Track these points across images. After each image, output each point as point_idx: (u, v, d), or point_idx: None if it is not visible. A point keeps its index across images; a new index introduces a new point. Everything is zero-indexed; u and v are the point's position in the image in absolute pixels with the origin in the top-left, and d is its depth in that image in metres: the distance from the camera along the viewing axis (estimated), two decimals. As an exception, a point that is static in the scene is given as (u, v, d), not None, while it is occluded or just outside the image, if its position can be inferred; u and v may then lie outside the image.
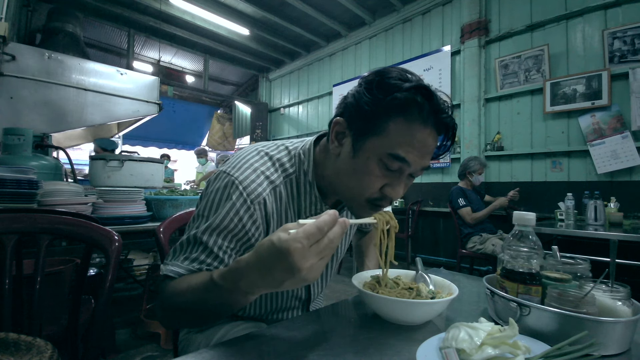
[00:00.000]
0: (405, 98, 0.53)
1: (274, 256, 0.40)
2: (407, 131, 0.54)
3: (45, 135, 2.19)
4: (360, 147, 0.57)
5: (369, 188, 0.58)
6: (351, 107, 0.59)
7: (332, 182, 0.64)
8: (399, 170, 0.57)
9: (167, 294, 0.55)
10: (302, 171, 0.65)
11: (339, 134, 0.61)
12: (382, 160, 0.56)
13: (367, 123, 0.56)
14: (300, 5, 4.71)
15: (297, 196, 0.66)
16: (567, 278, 0.57)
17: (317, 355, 0.45)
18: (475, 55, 3.81)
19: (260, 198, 0.60)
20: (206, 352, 0.46)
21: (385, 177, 0.57)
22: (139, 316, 2.03)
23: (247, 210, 0.58)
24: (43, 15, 4.03)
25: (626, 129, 2.84)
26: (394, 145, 0.54)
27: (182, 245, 0.59)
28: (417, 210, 4.08)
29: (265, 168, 0.62)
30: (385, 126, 0.55)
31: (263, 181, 0.61)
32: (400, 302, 0.55)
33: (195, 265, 0.56)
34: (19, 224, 0.75)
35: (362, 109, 0.56)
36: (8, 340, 0.54)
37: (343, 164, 0.60)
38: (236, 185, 0.58)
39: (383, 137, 0.55)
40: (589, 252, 1.73)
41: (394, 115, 0.54)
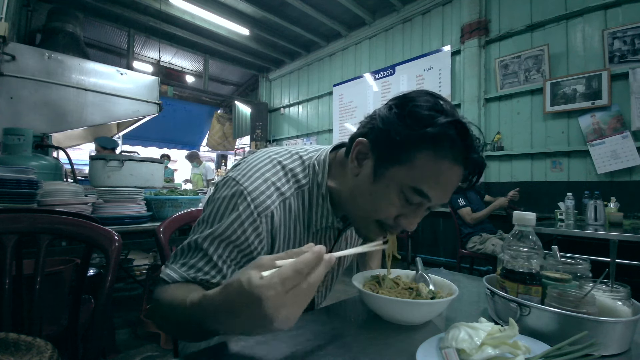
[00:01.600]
0: (438, 133, 0.49)
1: (243, 301, 0.35)
2: (435, 166, 0.51)
3: (45, 135, 2.19)
4: (382, 173, 0.54)
5: (384, 214, 0.56)
6: (378, 131, 0.55)
7: (345, 200, 0.62)
8: (418, 205, 0.55)
9: (157, 297, 0.54)
10: (315, 183, 0.63)
11: (361, 154, 0.58)
12: (402, 192, 0.53)
13: (393, 151, 0.53)
14: (300, 5, 4.71)
15: (309, 208, 0.63)
16: (567, 278, 0.57)
17: (317, 355, 0.45)
18: (475, 55, 3.81)
19: (268, 211, 0.57)
20: (206, 353, 0.46)
21: (403, 207, 0.55)
22: (139, 316, 2.04)
23: (252, 223, 0.56)
24: (43, 15, 4.03)
25: (626, 129, 2.84)
26: (419, 179, 0.52)
27: (183, 250, 0.58)
28: (417, 210, 4.08)
29: (276, 179, 0.60)
30: (412, 157, 0.51)
31: (273, 193, 0.58)
32: (400, 302, 0.55)
33: (191, 273, 0.54)
34: (19, 224, 0.75)
35: (390, 135, 0.53)
36: (8, 340, 0.54)
37: (360, 185, 0.58)
38: (244, 196, 0.56)
39: (408, 169, 0.52)
40: (589, 252, 1.73)
41: (423, 148, 0.51)
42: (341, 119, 5.50)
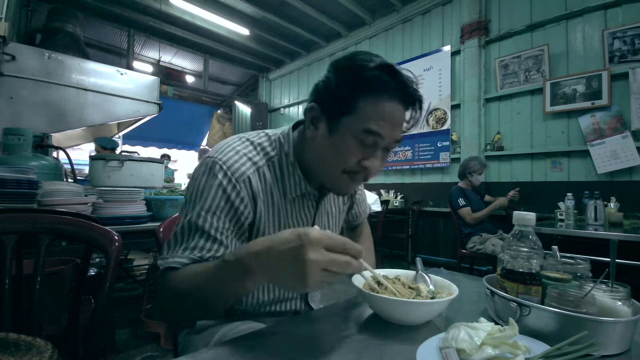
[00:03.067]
0: (372, 76, 0.56)
1: (292, 234, 0.43)
2: (377, 106, 0.57)
3: (45, 135, 2.19)
4: (335, 127, 0.60)
5: (347, 162, 0.60)
6: (323, 92, 0.62)
7: (312, 165, 0.67)
8: (373, 145, 0.60)
9: (171, 283, 0.55)
10: (283, 153, 0.68)
11: (314, 118, 0.63)
12: (357, 137, 0.59)
13: (339, 104, 0.59)
14: (300, 5, 4.71)
15: (282, 178, 0.68)
16: (567, 278, 0.57)
17: (317, 356, 0.45)
18: (475, 55, 3.81)
19: (245, 177, 0.62)
20: (206, 353, 0.46)
21: (362, 152, 0.60)
22: (139, 316, 2.03)
23: (233, 188, 0.60)
24: (43, 15, 4.03)
25: (626, 129, 2.84)
26: (366, 121, 0.57)
27: (177, 237, 0.60)
28: (417, 210, 4.08)
29: (247, 151, 0.66)
30: (356, 105, 0.58)
31: (246, 162, 0.64)
32: (400, 302, 0.55)
33: (196, 253, 0.57)
34: (19, 224, 0.75)
35: (333, 91, 0.59)
36: (8, 340, 0.54)
37: (320, 145, 0.63)
38: (220, 166, 0.61)
39: (355, 115, 0.58)
40: (589, 252, 1.73)
41: (362, 94, 0.57)
42: (341, 119, 5.50)
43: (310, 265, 0.42)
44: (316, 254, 0.42)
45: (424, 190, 4.39)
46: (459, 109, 4.01)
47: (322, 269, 0.42)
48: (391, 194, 4.57)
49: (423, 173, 4.43)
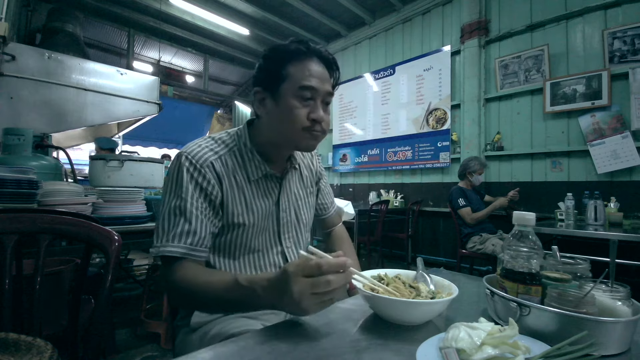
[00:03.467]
0: (293, 47, 0.72)
1: (279, 271, 0.53)
2: (303, 67, 0.71)
3: (45, 135, 2.19)
4: (278, 96, 0.72)
5: (298, 119, 0.71)
6: (259, 76, 0.75)
7: (271, 140, 0.78)
8: (312, 98, 0.72)
9: (181, 280, 0.64)
10: (241, 143, 0.79)
11: (261, 99, 0.75)
12: (297, 95, 0.71)
13: (276, 77, 0.72)
14: (300, 5, 4.71)
15: (243, 163, 0.78)
16: (567, 278, 0.57)
17: (316, 356, 0.45)
18: (475, 55, 3.81)
19: (208, 162, 0.73)
20: (205, 353, 0.46)
21: (305, 106, 0.72)
22: (139, 316, 2.03)
23: (199, 173, 0.71)
24: (43, 15, 4.03)
25: (626, 129, 2.84)
26: (299, 80, 0.71)
27: (163, 224, 0.69)
28: (417, 210, 4.08)
29: (209, 144, 0.77)
30: (287, 72, 0.71)
31: (207, 152, 0.75)
32: (400, 302, 0.55)
33: (188, 240, 0.67)
34: (19, 224, 0.75)
35: (268, 70, 0.73)
36: (8, 340, 0.54)
37: (273, 115, 0.74)
38: (185, 157, 0.72)
39: (290, 80, 0.71)
40: (589, 252, 1.73)
41: (289, 62, 0.71)
42: (341, 119, 5.50)
43: (297, 295, 0.49)
44: (297, 285, 0.50)
45: (424, 190, 4.39)
46: (459, 109, 4.01)
47: (311, 293, 0.49)
48: (391, 194, 4.57)
49: (423, 173, 4.43)
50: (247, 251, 0.79)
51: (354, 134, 5.28)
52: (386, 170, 4.80)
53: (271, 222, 0.82)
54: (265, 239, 0.82)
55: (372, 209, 3.56)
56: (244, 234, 0.77)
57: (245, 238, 0.78)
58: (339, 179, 5.62)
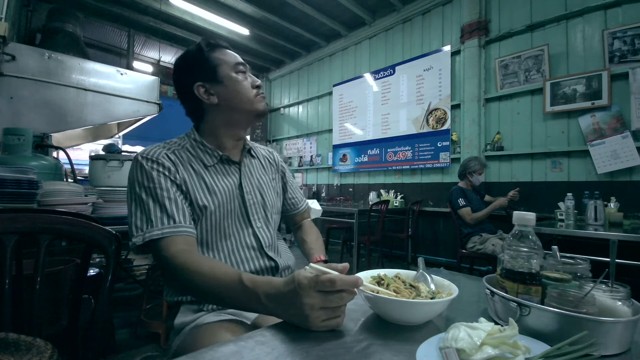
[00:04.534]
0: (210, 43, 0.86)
1: (290, 278, 0.53)
2: (225, 53, 0.86)
3: (45, 135, 2.19)
4: (221, 78, 0.83)
5: (248, 88, 0.85)
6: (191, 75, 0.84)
7: (225, 122, 0.86)
8: (244, 71, 0.86)
9: (182, 267, 0.64)
10: (191, 139, 0.86)
11: (205, 91, 0.83)
12: (236, 71, 0.84)
13: (211, 66, 0.83)
14: (300, 5, 4.71)
15: (196, 154, 0.84)
16: (567, 278, 0.57)
17: (316, 356, 0.45)
18: (475, 55, 3.81)
19: (160, 155, 0.78)
20: (205, 352, 0.46)
21: (245, 78, 0.85)
22: (139, 316, 2.03)
23: (158, 163, 0.76)
24: (43, 15, 4.03)
25: (626, 129, 2.84)
26: (230, 61, 0.84)
27: (137, 215, 0.71)
28: (417, 210, 4.08)
29: (161, 146, 0.83)
30: (217, 60, 0.84)
31: (160, 149, 0.81)
32: (400, 302, 0.55)
33: (170, 221, 0.70)
34: (19, 224, 0.75)
35: (201, 65, 0.83)
36: (8, 340, 0.54)
37: (225, 96, 0.83)
38: (141, 156, 0.78)
39: (224, 64, 0.84)
40: (589, 252, 1.73)
41: (213, 53, 0.84)
42: (341, 119, 5.50)
43: (308, 308, 0.49)
44: (309, 299, 0.49)
45: (424, 190, 4.39)
46: (459, 109, 4.01)
47: (320, 308, 0.49)
48: (391, 194, 4.57)
49: (423, 173, 4.43)
50: (220, 237, 0.81)
51: (354, 134, 5.28)
52: (386, 170, 4.80)
53: (237, 204, 0.85)
54: (234, 221, 0.84)
55: (372, 209, 3.56)
56: (212, 217, 0.80)
57: (214, 221, 0.80)
58: (339, 179, 5.62)
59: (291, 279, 0.52)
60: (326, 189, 5.84)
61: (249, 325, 0.77)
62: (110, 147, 2.43)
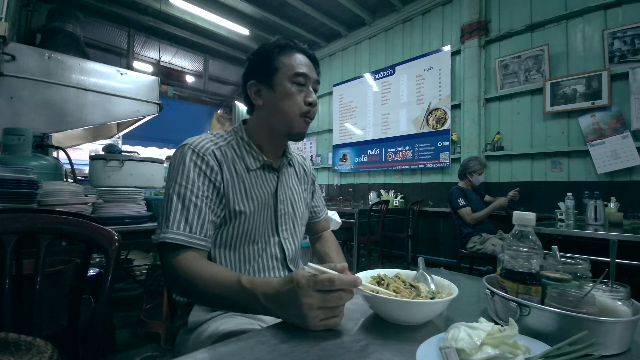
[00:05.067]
0: (282, 42, 0.80)
1: (288, 277, 0.53)
2: (293, 58, 0.80)
3: (45, 135, 2.18)
4: (274, 84, 0.78)
5: (297, 103, 0.78)
6: (252, 71, 0.82)
7: (267, 130, 0.82)
8: (305, 84, 0.79)
9: (183, 269, 0.64)
10: (238, 137, 0.84)
11: (257, 91, 0.82)
12: (293, 81, 0.78)
13: (269, 69, 0.79)
14: (300, 5, 4.71)
15: (241, 155, 0.82)
16: (567, 278, 0.57)
17: (316, 356, 0.45)
18: (475, 55, 3.81)
19: (209, 151, 0.76)
20: (205, 352, 0.46)
21: (300, 92, 0.79)
22: (139, 316, 2.03)
23: (203, 160, 0.74)
24: (43, 15, 4.03)
25: (626, 129, 2.84)
26: (292, 68, 0.78)
27: (163, 212, 0.70)
28: (417, 210, 4.08)
29: (209, 137, 0.81)
30: (280, 63, 0.79)
31: (208, 142, 0.78)
32: (400, 302, 0.55)
33: (187, 228, 0.69)
34: (19, 224, 0.75)
35: (261, 64, 0.80)
36: (8, 340, 0.54)
37: (271, 103, 0.79)
38: (187, 146, 0.75)
39: (284, 69, 0.78)
40: (589, 252, 1.73)
41: (280, 55, 0.79)
42: (341, 119, 5.50)
43: (306, 308, 0.49)
44: (307, 298, 0.49)
45: (424, 190, 4.39)
46: (459, 109, 4.01)
47: (319, 307, 0.49)
48: (391, 194, 4.57)
49: (423, 173, 4.43)
50: (247, 242, 0.81)
51: (354, 134, 5.28)
52: (386, 170, 4.80)
53: (269, 213, 0.84)
54: (263, 229, 0.83)
55: (372, 209, 3.56)
56: (245, 223, 0.79)
57: (245, 227, 0.79)
58: (339, 179, 5.62)
59: (289, 278, 0.52)
60: (326, 189, 5.84)
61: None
62: (110, 148, 2.43)
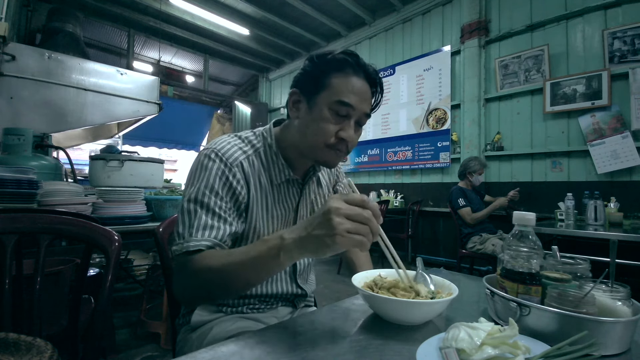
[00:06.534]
0: (340, 58, 0.68)
1: (320, 209, 0.50)
2: (346, 82, 0.67)
3: (45, 135, 2.19)
4: (314, 103, 0.69)
5: (326, 133, 0.68)
6: (301, 78, 0.72)
7: (297, 145, 0.74)
8: (347, 116, 0.68)
9: (199, 262, 0.59)
10: (266, 145, 0.76)
11: (296, 102, 0.73)
12: (332, 109, 0.67)
13: (315, 83, 0.69)
14: (300, 5, 4.71)
15: (267, 165, 0.75)
16: (567, 278, 0.57)
17: (316, 356, 0.45)
18: (475, 55, 3.81)
19: (237, 162, 0.70)
20: (205, 353, 0.46)
21: (337, 123, 0.68)
22: (139, 316, 2.03)
23: (230, 171, 0.68)
24: (43, 15, 4.03)
25: (626, 129, 2.84)
26: (339, 93, 0.67)
27: (184, 218, 0.64)
28: (417, 210, 4.08)
29: (237, 143, 0.74)
30: (329, 82, 0.68)
31: (237, 151, 0.72)
32: (400, 302, 0.55)
33: (210, 234, 0.62)
34: (19, 224, 0.75)
35: (310, 74, 0.70)
36: (8, 340, 0.54)
37: (303, 121, 0.71)
38: (216, 153, 0.69)
39: (329, 90, 0.67)
40: (589, 252, 1.73)
41: (333, 72, 0.68)
42: (341, 119, 5.50)
43: (333, 211, 0.47)
44: (335, 202, 0.48)
45: (424, 190, 4.39)
46: (459, 109, 4.01)
47: (346, 215, 0.47)
48: (391, 194, 4.57)
49: (423, 173, 4.43)
50: None
51: (354, 134, 5.28)
52: (386, 170, 4.80)
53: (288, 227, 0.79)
54: None
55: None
56: (262, 237, 0.72)
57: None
58: (339, 179, 5.62)
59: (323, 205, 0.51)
60: (326, 189, 5.84)
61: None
62: (109, 149, 2.44)
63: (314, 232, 0.49)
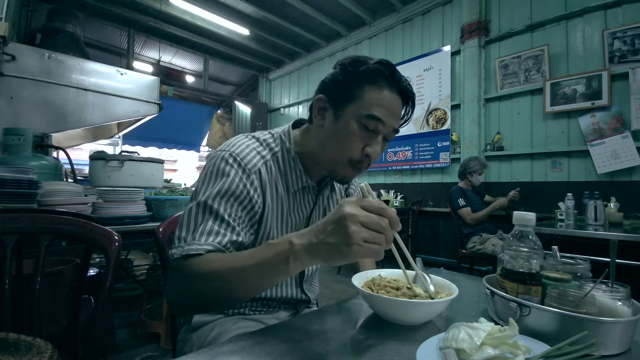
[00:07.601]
0: (374, 68, 0.63)
1: (333, 215, 0.46)
2: (378, 95, 0.63)
3: (45, 135, 2.19)
4: (341, 114, 0.65)
5: (352, 148, 0.65)
6: (330, 84, 0.67)
7: (316, 153, 0.71)
8: (375, 131, 0.64)
9: (198, 266, 0.54)
10: (284, 149, 0.73)
11: (321, 109, 0.68)
12: (360, 122, 0.64)
13: (345, 93, 0.65)
14: (300, 5, 4.71)
15: (284, 171, 0.72)
16: (567, 278, 0.57)
17: (316, 356, 0.45)
18: (475, 55, 3.81)
19: (256, 168, 0.67)
20: (205, 352, 0.46)
21: (364, 138, 0.65)
22: (139, 316, 2.03)
23: (248, 178, 0.64)
24: (43, 15, 4.03)
25: (626, 129, 2.84)
26: (369, 107, 0.63)
27: (189, 220, 0.60)
28: (417, 210, 4.08)
29: (255, 146, 0.70)
30: (360, 93, 0.63)
31: (255, 155, 0.68)
32: (400, 302, 0.55)
33: (214, 240, 0.57)
34: (19, 224, 0.75)
35: (340, 82, 0.65)
36: (8, 340, 0.54)
37: (326, 132, 0.67)
38: (234, 157, 0.65)
39: (359, 102, 0.63)
40: (589, 252, 1.73)
41: (366, 83, 0.63)
42: (341, 119, 5.50)
43: (349, 217, 0.44)
44: (351, 208, 0.45)
45: (424, 190, 4.39)
46: (459, 109, 4.01)
47: (362, 223, 0.44)
48: (391, 194, 4.57)
49: (423, 173, 4.43)
50: None
51: (354, 134, 5.28)
52: (386, 170, 4.80)
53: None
54: None
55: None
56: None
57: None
58: (339, 179, 5.62)
59: (336, 209, 0.47)
60: (326, 189, 5.84)
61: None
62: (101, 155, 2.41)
63: (328, 239, 0.46)
